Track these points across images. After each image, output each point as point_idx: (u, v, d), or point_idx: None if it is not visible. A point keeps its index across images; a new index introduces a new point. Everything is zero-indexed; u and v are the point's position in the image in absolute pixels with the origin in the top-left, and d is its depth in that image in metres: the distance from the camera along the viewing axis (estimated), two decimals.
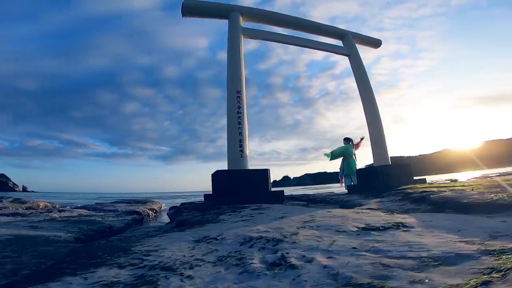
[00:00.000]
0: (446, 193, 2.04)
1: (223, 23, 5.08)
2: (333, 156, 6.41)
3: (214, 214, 2.37)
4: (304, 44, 5.83)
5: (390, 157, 5.24)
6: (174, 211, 4.16)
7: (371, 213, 1.71)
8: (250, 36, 5.31)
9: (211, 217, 2.22)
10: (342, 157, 6.40)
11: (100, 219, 3.66)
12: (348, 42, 5.98)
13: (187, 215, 3.13)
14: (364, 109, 5.54)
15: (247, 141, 4.26)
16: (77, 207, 7.64)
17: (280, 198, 3.68)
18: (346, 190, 5.75)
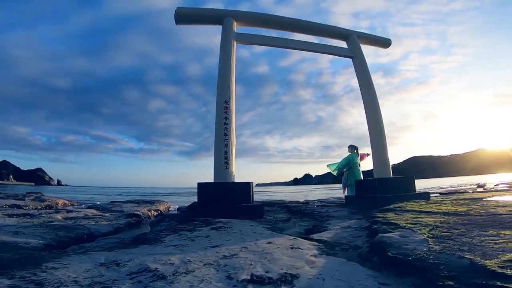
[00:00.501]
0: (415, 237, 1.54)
1: None
2: (339, 169, 6.20)
3: (171, 231, 2.44)
4: (303, 48, 5.67)
5: (416, 157, 5.06)
6: (158, 219, 4.30)
7: (304, 248, 1.65)
8: (245, 41, 5.27)
9: (162, 234, 2.29)
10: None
11: (94, 223, 3.82)
12: (352, 43, 5.70)
13: (162, 225, 3.22)
14: (366, 115, 5.29)
15: (233, 152, 4.29)
16: (89, 207, 8.15)
17: (260, 211, 3.69)
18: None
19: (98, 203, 9.52)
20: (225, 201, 3.72)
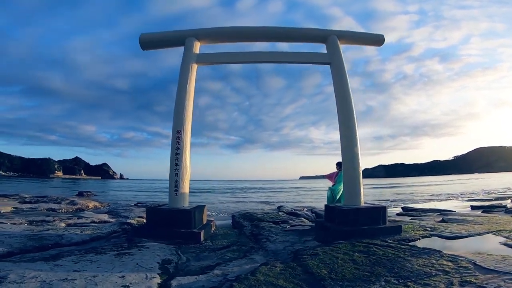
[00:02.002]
0: None
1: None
2: (338, 193, 6.00)
3: (97, 250, 3.08)
4: (274, 59, 5.58)
5: (483, 147, 4.74)
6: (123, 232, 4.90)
7: None
8: (207, 62, 5.48)
9: (89, 250, 2.99)
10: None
11: (79, 232, 4.64)
12: (331, 46, 5.31)
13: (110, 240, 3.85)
14: (339, 128, 4.95)
15: (185, 180, 4.71)
16: (107, 211, 9.64)
17: (197, 237, 4.10)
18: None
19: (130, 203, 11.31)
20: (166, 225, 4.15)
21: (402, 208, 9.91)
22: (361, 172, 4.75)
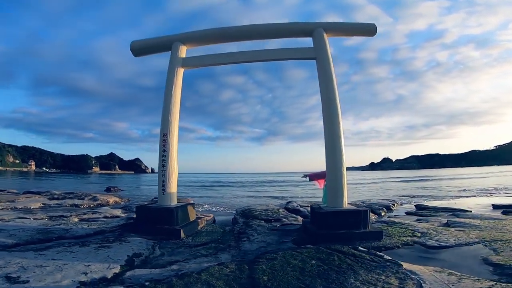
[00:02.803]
0: None
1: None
2: None
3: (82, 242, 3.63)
4: (260, 58, 5.61)
5: None
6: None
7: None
8: (193, 65, 5.75)
9: (77, 243, 3.59)
10: None
11: (86, 226, 5.26)
12: (317, 40, 5.25)
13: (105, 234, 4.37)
14: (324, 127, 4.91)
15: (171, 180, 5.12)
16: (122, 207, 10.54)
17: (177, 233, 4.51)
18: None
19: (148, 198, 12.24)
20: (152, 222, 4.65)
21: (415, 206, 9.53)
22: (344, 171, 4.71)
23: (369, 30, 5.38)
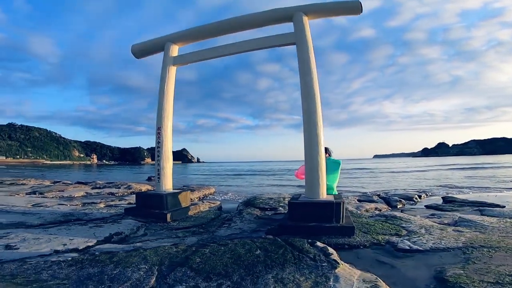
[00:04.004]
0: None
1: None
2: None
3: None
4: (243, 49, 5.78)
5: None
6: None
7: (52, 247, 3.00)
8: (184, 62, 6.23)
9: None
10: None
11: (105, 211, 6.32)
12: (297, 24, 5.25)
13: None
14: (302, 115, 4.96)
15: (166, 169, 5.77)
16: None
17: (163, 217, 5.08)
18: None
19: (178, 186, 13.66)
20: (147, 207, 5.42)
21: (442, 198, 8.82)
22: (322, 160, 4.70)
23: (352, 8, 5.09)
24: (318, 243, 3.48)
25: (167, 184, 5.72)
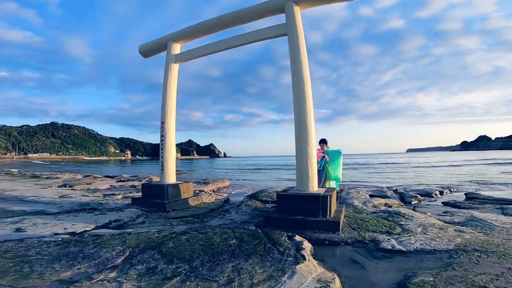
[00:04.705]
0: None
1: None
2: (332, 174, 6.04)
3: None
4: (236, 43, 5.87)
5: None
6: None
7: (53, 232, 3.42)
8: (185, 59, 6.51)
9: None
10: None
11: (120, 202, 6.88)
12: (288, 15, 5.21)
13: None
14: (294, 106, 4.93)
15: (169, 161, 6.13)
16: None
17: (163, 207, 5.48)
18: None
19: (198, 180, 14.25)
20: (151, 197, 5.91)
21: (465, 194, 8.21)
22: (312, 152, 4.66)
23: None
24: (297, 237, 3.51)
25: (170, 176, 6.07)
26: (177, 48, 6.51)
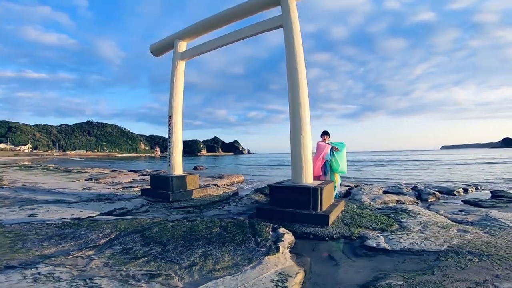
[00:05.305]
0: None
1: None
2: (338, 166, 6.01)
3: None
4: (234, 38, 5.97)
5: None
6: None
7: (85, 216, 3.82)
8: (191, 56, 6.76)
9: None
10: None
11: (135, 193, 7.43)
12: (283, 6, 5.20)
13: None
14: (288, 97, 4.92)
15: (175, 154, 6.46)
16: None
17: (167, 197, 5.74)
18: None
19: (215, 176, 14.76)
20: (158, 188, 6.22)
21: (491, 192, 7.58)
22: (307, 144, 4.61)
23: None
24: (280, 229, 3.49)
25: (176, 168, 6.38)
26: (183, 46, 6.77)
